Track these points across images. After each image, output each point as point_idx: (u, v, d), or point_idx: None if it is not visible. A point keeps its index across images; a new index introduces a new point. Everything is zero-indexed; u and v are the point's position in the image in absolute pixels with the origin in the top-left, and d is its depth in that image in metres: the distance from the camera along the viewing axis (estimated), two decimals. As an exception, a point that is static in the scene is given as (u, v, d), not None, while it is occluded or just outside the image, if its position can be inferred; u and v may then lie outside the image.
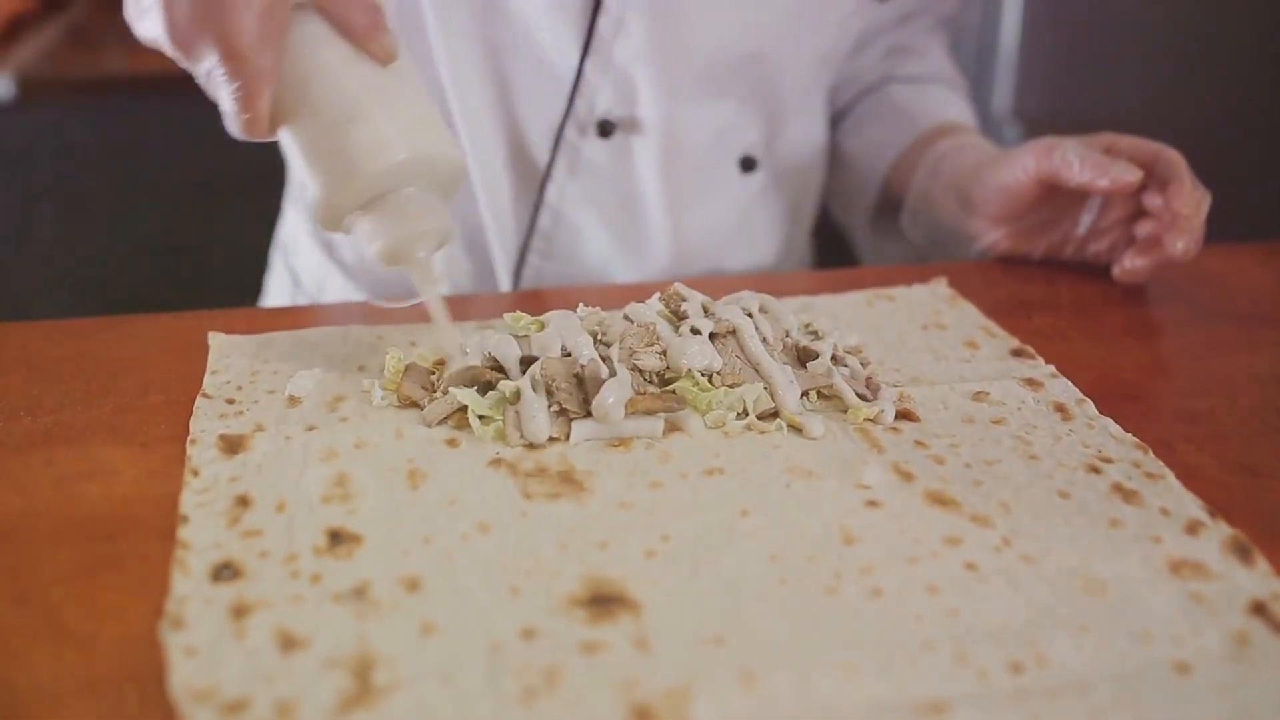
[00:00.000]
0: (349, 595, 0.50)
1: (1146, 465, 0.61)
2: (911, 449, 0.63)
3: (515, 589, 0.50)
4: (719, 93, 0.98)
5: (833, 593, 0.51)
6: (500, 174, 0.97)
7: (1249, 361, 0.75)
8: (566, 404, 0.63)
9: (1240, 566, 0.53)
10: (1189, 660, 0.47)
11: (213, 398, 0.67)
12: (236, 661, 0.46)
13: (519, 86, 0.94)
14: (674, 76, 0.94)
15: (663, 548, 0.54)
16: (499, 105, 0.95)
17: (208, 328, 0.75)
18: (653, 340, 0.66)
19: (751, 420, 0.64)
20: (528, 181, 0.98)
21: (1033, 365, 0.73)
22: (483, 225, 0.99)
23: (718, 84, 0.97)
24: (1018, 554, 0.54)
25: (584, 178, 0.97)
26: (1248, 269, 0.92)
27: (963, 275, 0.88)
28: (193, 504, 0.56)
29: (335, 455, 0.61)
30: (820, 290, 0.84)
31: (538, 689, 0.45)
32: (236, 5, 0.59)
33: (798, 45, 0.99)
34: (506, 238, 0.99)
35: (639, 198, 0.99)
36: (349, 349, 0.73)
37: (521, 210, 0.98)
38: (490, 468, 0.60)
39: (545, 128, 0.95)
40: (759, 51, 0.97)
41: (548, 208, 0.97)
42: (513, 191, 0.98)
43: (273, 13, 0.60)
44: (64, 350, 0.73)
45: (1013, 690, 0.45)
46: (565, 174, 0.96)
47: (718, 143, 1.01)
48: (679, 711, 0.44)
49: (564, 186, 0.97)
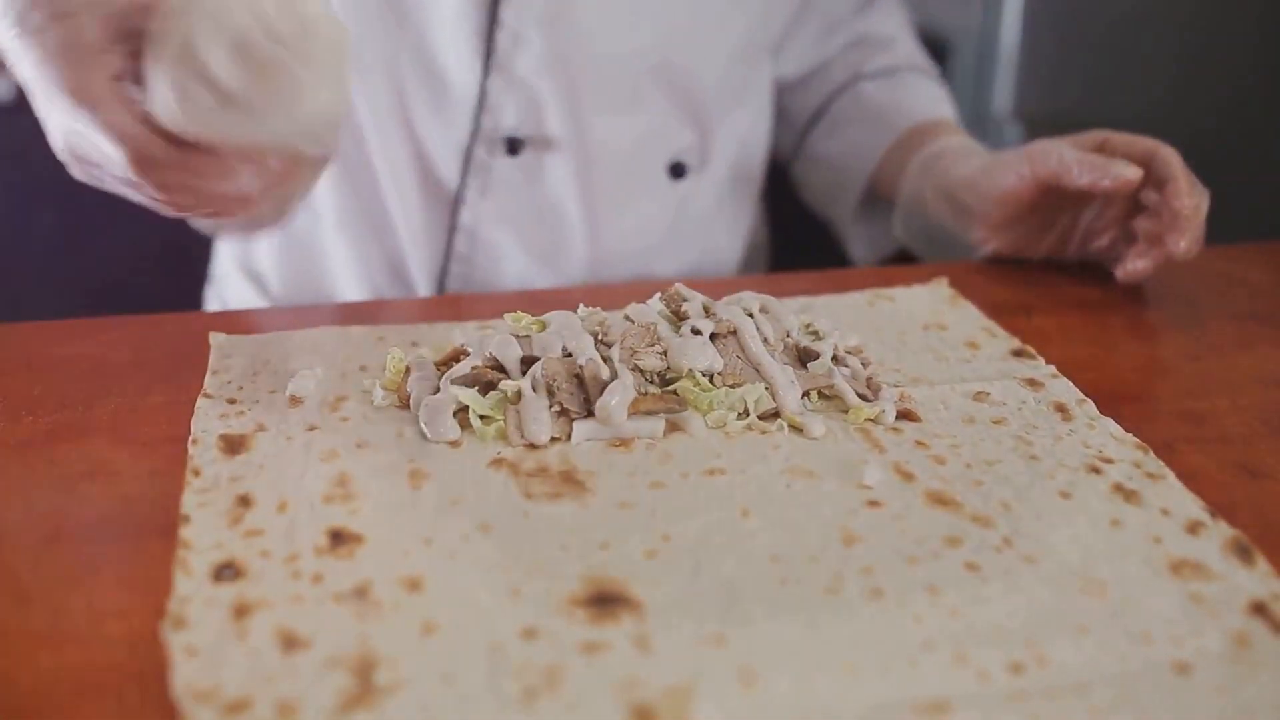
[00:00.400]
0: (350, 595, 0.50)
1: (1147, 465, 0.61)
2: (912, 449, 0.63)
3: (516, 589, 0.51)
4: (632, 102, 0.96)
5: (833, 593, 0.51)
6: (413, 198, 0.96)
7: (1250, 362, 0.75)
8: (568, 404, 0.63)
9: (1241, 567, 0.53)
10: (1189, 660, 0.47)
11: (214, 397, 0.67)
12: (238, 661, 0.46)
13: (423, 109, 0.93)
14: (579, 89, 0.93)
15: (664, 548, 0.54)
16: (405, 129, 0.94)
17: (209, 328, 0.76)
18: (654, 340, 0.66)
19: (752, 420, 0.64)
20: (441, 204, 0.97)
21: (1033, 365, 0.73)
22: (402, 250, 0.98)
23: (629, 94, 0.96)
24: (1018, 554, 0.54)
25: (497, 197, 0.95)
26: (1248, 269, 0.92)
27: (963, 276, 0.88)
28: (194, 504, 0.56)
29: (336, 455, 0.61)
30: (821, 290, 0.84)
31: (539, 689, 0.45)
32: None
33: (707, 47, 0.98)
34: (424, 261, 0.98)
35: (556, 214, 0.97)
36: (350, 349, 0.73)
37: (436, 234, 0.97)
38: (491, 468, 0.60)
39: (454, 149, 0.94)
40: (666, 59, 0.95)
41: (462, 230, 0.96)
42: (425, 216, 0.97)
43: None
44: (65, 350, 0.73)
45: (1013, 691, 0.45)
46: (477, 195, 0.95)
47: (639, 152, 0.99)
48: (680, 711, 0.44)
49: (477, 208, 0.95)
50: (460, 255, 0.97)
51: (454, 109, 0.93)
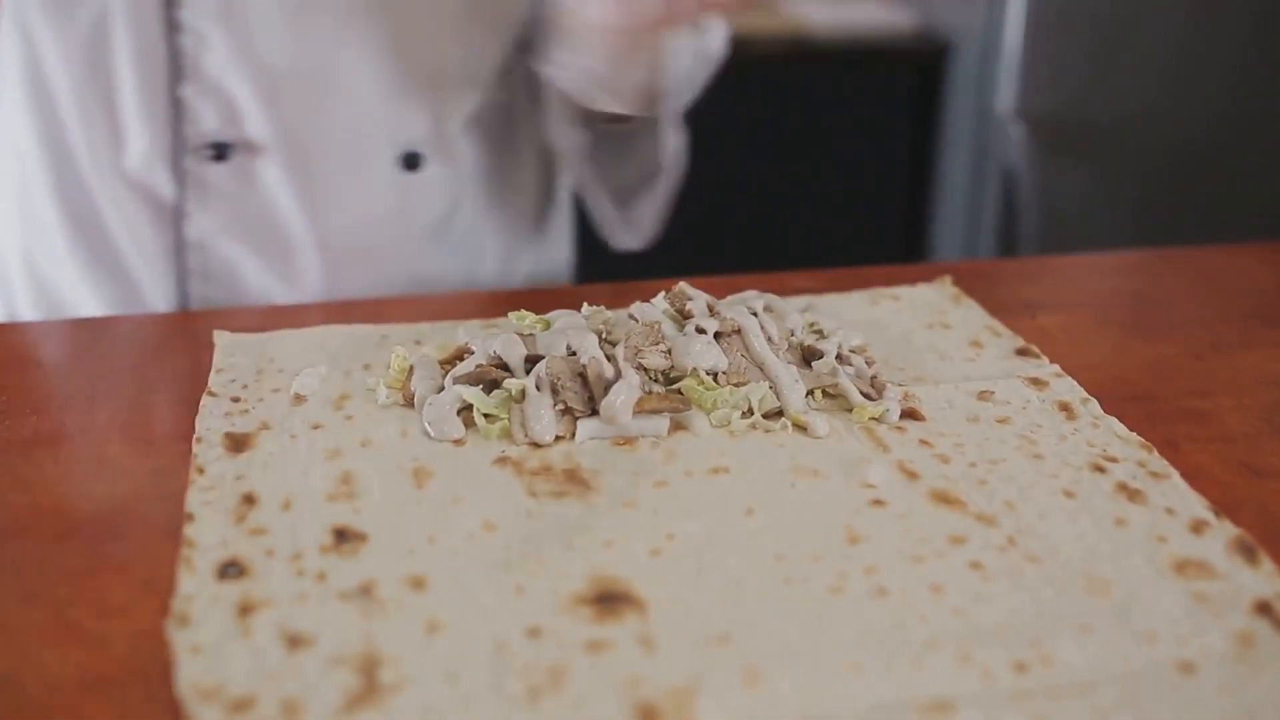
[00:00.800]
0: (355, 594, 0.50)
1: (1151, 465, 0.61)
2: (916, 448, 0.63)
3: (520, 588, 0.51)
4: (338, 97, 0.91)
5: (837, 592, 0.51)
6: (134, 216, 0.92)
7: (1254, 361, 0.75)
8: (572, 403, 0.63)
9: (1245, 566, 0.53)
10: (1193, 660, 0.47)
11: (218, 396, 0.67)
12: (242, 659, 0.46)
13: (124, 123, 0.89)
14: (277, 86, 0.88)
15: (668, 547, 0.54)
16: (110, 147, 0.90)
17: (213, 326, 0.76)
18: (658, 339, 0.66)
19: (756, 419, 0.64)
20: (163, 221, 0.92)
21: (1037, 364, 0.73)
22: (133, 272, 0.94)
23: (330, 89, 0.90)
24: (1022, 553, 0.54)
25: (217, 208, 0.91)
26: (1252, 268, 0.92)
27: (967, 275, 0.88)
28: (198, 502, 0.56)
29: (341, 453, 0.61)
30: (825, 289, 0.84)
31: (543, 688, 0.45)
32: None
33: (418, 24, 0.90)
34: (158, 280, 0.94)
35: (279, 220, 0.93)
36: (354, 347, 0.73)
37: (167, 253, 0.93)
38: (496, 466, 0.60)
39: (163, 162, 0.90)
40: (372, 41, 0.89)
41: (192, 247, 0.92)
42: (153, 234, 0.92)
43: None
44: (70, 349, 0.73)
45: (1017, 690, 0.45)
46: (198, 207, 0.91)
47: (357, 147, 0.93)
48: (684, 710, 0.44)
49: (200, 221, 0.91)
50: (196, 270, 0.93)
51: (152, 121, 0.89)
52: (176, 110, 0.88)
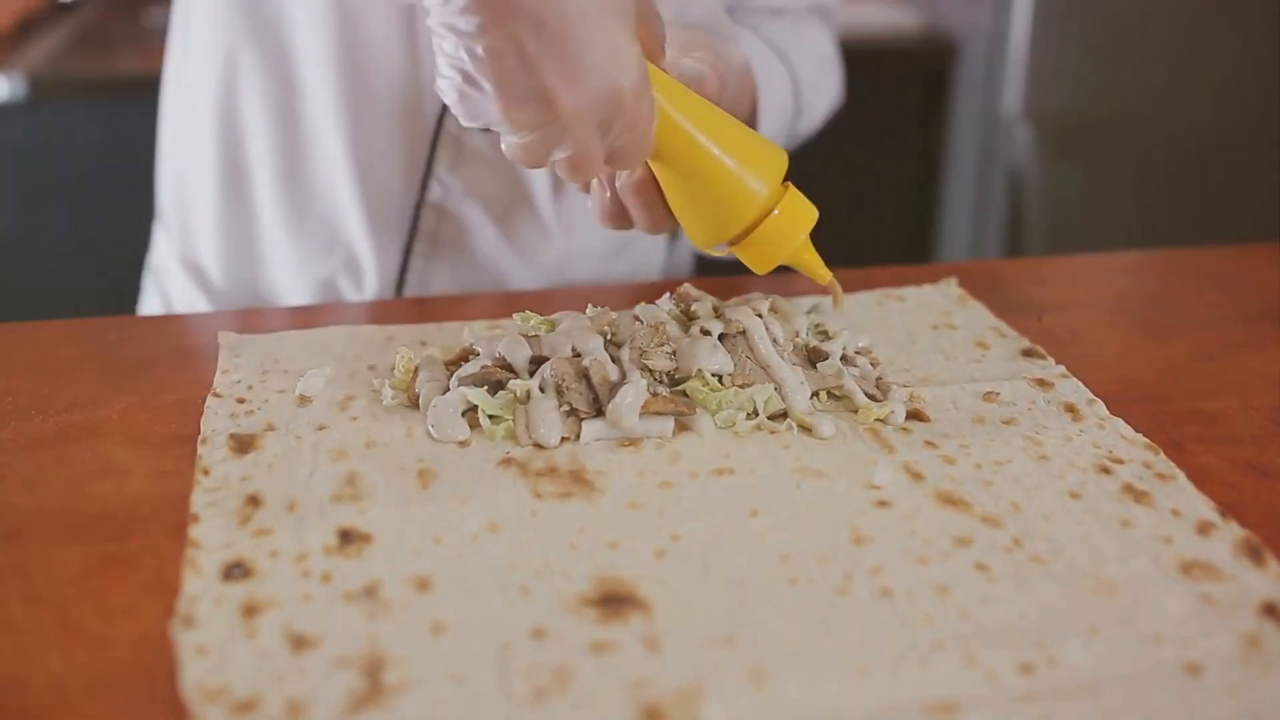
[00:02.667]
0: (359, 595, 0.50)
1: (1157, 466, 0.61)
2: (922, 449, 0.62)
3: (525, 589, 0.51)
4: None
5: (843, 593, 0.51)
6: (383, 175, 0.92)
7: (1260, 362, 0.75)
8: (577, 404, 0.63)
9: (1251, 567, 0.53)
10: (1200, 661, 0.47)
11: (223, 397, 0.67)
12: (247, 660, 0.46)
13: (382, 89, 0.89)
14: None
15: (673, 548, 0.54)
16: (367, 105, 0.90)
17: (218, 327, 0.76)
18: (663, 340, 0.66)
19: (761, 420, 0.64)
20: (410, 179, 0.92)
21: (1043, 365, 0.72)
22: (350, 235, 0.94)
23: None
24: (1028, 554, 0.53)
25: (467, 171, 0.92)
26: (1260, 269, 0.92)
27: (974, 275, 0.87)
28: (203, 503, 0.56)
29: (346, 454, 0.61)
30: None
31: (548, 689, 0.45)
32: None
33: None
34: (387, 240, 0.94)
35: (526, 190, 0.93)
36: (359, 348, 0.73)
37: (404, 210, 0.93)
38: (500, 467, 0.60)
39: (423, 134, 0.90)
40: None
41: (430, 206, 0.92)
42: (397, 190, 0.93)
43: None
44: (75, 350, 0.73)
45: (1023, 691, 0.45)
46: (446, 170, 0.91)
47: None
48: (689, 711, 0.44)
49: (447, 182, 0.92)
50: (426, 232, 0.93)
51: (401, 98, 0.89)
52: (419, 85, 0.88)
